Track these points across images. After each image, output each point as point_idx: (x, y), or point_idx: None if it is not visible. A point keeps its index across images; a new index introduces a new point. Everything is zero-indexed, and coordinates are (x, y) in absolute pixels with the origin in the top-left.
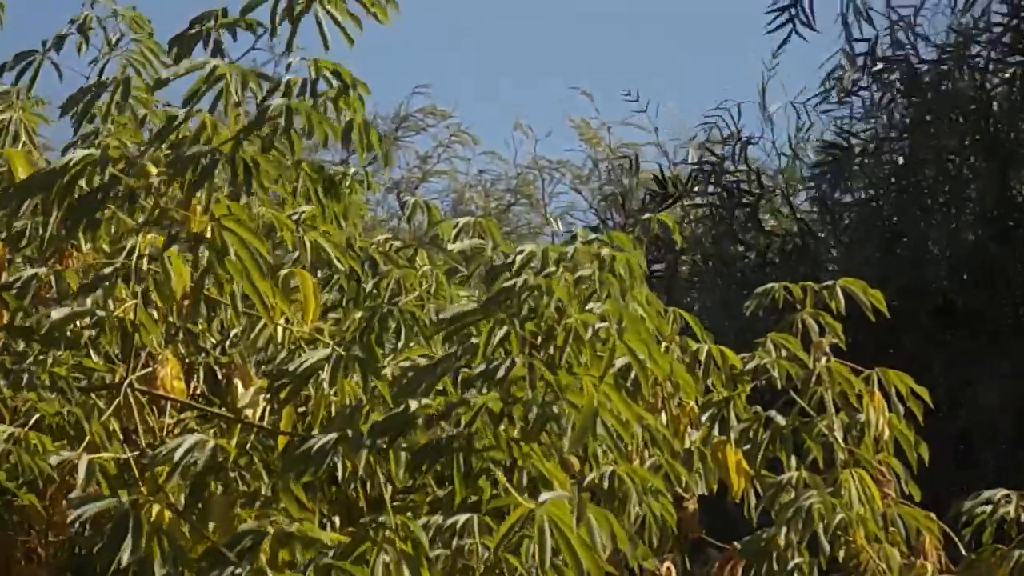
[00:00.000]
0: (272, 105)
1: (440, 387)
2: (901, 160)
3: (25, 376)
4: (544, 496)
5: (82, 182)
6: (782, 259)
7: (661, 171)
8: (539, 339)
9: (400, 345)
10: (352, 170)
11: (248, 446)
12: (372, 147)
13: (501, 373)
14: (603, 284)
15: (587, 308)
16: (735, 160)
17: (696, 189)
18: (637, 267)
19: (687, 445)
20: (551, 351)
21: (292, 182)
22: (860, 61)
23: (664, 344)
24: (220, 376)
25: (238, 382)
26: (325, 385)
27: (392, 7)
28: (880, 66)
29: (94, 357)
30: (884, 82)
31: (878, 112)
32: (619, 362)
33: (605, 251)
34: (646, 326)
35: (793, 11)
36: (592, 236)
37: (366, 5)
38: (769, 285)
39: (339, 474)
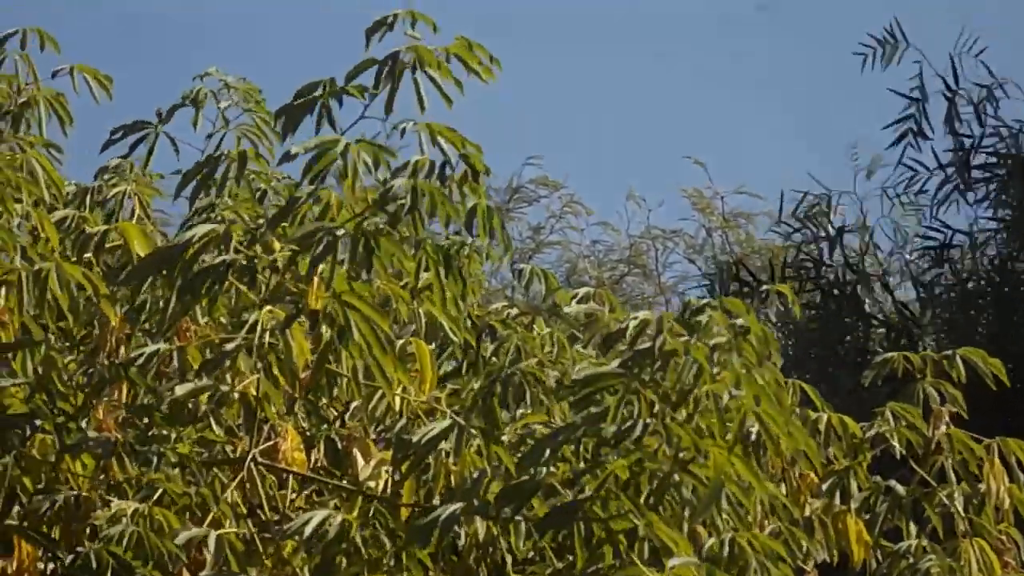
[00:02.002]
0: (397, 185)
1: (561, 455)
2: (1004, 250)
3: (154, 457)
4: (670, 563)
5: (205, 257)
6: (885, 343)
7: (739, 266)
8: (670, 403)
9: (520, 412)
10: (470, 240)
11: (371, 516)
12: (495, 233)
13: (637, 432)
14: (739, 352)
15: (716, 375)
16: (831, 249)
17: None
18: (772, 337)
19: (807, 514)
20: (681, 418)
21: (413, 260)
22: (960, 156)
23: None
24: (340, 447)
25: (358, 453)
26: (447, 456)
27: (496, 66)
28: (980, 159)
29: (215, 429)
30: (986, 173)
31: (980, 202)
32: (748, 428)
33: (740, 320)
34: (780, 396)
35: (915, 119)
36: (704, 301)
37: (468, 64)
38: (889, 354)
39: (460, 543)
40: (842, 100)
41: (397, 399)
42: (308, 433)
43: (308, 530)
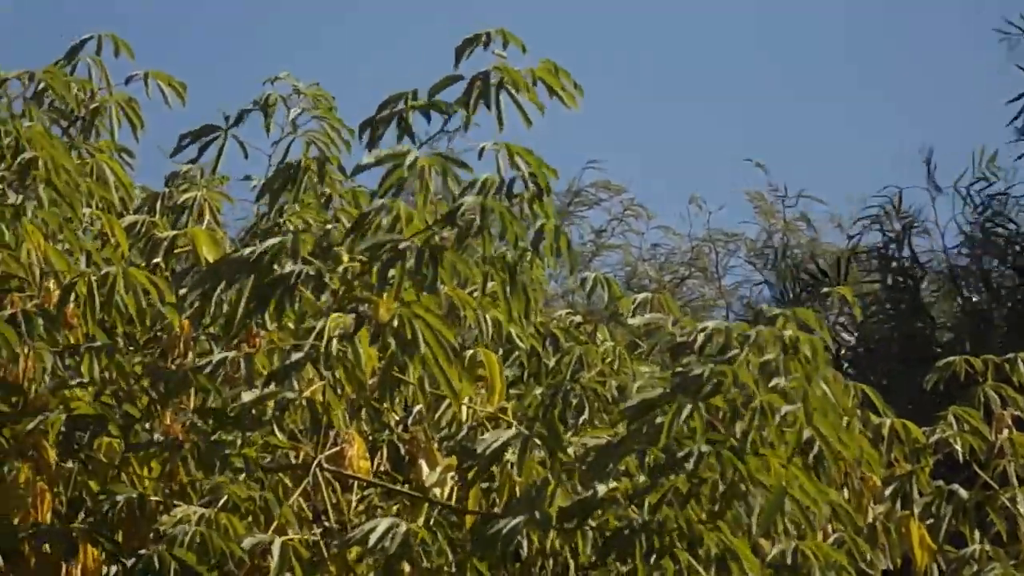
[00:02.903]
0: (467, 202)
1: (623, 467)
2: None
3: (218, 461)
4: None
5: (275, 266)
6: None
7: (816, 263)
8: (724, 418)
9: (582, 421)
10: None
11: (433, 524)
12: (561, 254)
13: (690, 466)
14: (787, 372)
15: (772, 386)
16: (900, 245)
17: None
18: (822, 349)
19: (870, 519)
20: (737, 432)
21: (479, 273)
22: None
23: (846, 419)
24: (403, 453)
25: (422, 460)
26: (511, 466)
27: (579, 93)
28: None
29: (279, 435)
30: None
31: None
32: (806, 436)
33: (789, 333)
34: (834, 406)
35: None
36: (777, 312)
37: (553, 89)
38: (950, 358)
39: (523, 552)
40: (906, 102)
41: (463, 409)
42: (370, 438)
43: (373, 539)
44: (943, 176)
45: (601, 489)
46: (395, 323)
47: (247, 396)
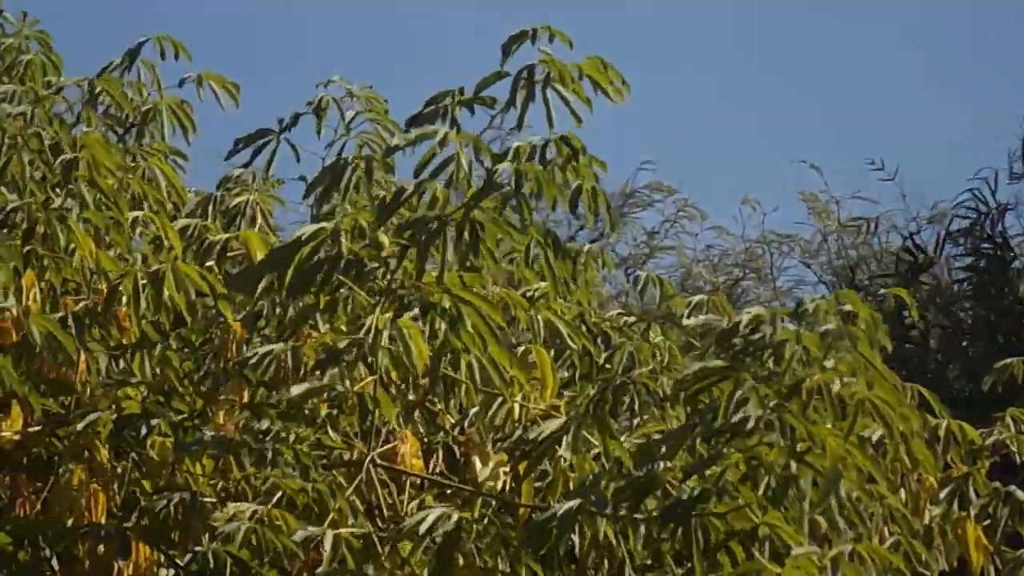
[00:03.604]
0: (502, 169)
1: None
2: None
3: (269, 453)
4: (793, 552)
5: (320, 255)
6: None
7: (912, 239)
8: (781, 397)
9: (636, 421)
10: (587, 246)
11: (486, 520)
12: (600, 213)
13: (751, 424)
14: (850, 337)
15: (828, 366)
16: (992, 228)
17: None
18: (880, 322)
19: (926, 521)
20: (794, 409)
21: (521, 246)
22: None
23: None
24: (458, 456)
25: (476, 460)
26: (564, 456)
27: (626, 89)
28: None
29: (331, 434)
30: None
31: None
32: (865, 432)
33: (847, 307)
34: (893, 381)
35: None
36: (818, 296)
37: (599, 84)
38: (1007, 360)
39: (576, 550)
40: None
41: (516, 407)
42: (425, 440)
43: (423, 528)
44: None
45: (658, 467)
46: (444, 303)
47: (296, 390)
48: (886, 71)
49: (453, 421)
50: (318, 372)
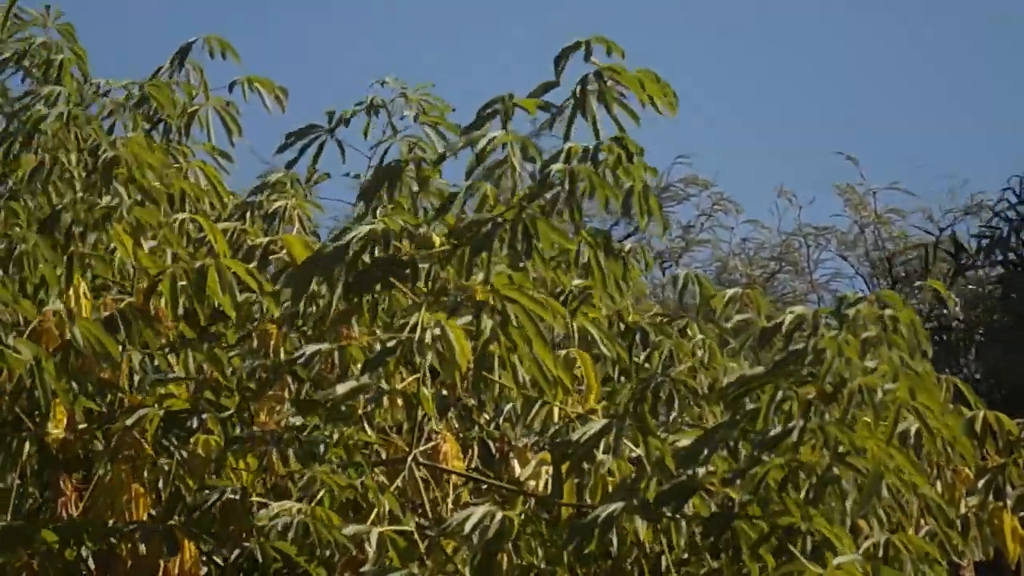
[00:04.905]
0: (554, 170)
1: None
2: None
3: (321, 449)
4: (835, 561)
5: (365, 257)
6: None
7: (954, 236)
8: (823, 400)
9: (673, 417)
10: (628, 245)
11: (525, 518)
12: (652, 213)
13: (794, 437)
14: (890, 345)
15: (870, 369)
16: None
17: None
18: (921, 327)
19: (963, 511)
20: (834, 414)
21: (573, 247)
22: None
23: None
24: (494, 451)
25: (515, 458)
26: (605, 458)
27: (676, 102)
28: None
29: (367, 431)
30: None
31: None
32: (902, 426)
33: (888, 312)
34: (934, 386)
35: None
36: (859, 295)
37: (651, 98)
38: None
39: (613, 549)
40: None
41: (555, 410)
42: (460, 436)
43: (468, 526)
44: None
45: (700, 471)
46: (492, 301)
47: (341, 388)
48: (924, 63)
49: (488, 417)
50: (361, 370)
